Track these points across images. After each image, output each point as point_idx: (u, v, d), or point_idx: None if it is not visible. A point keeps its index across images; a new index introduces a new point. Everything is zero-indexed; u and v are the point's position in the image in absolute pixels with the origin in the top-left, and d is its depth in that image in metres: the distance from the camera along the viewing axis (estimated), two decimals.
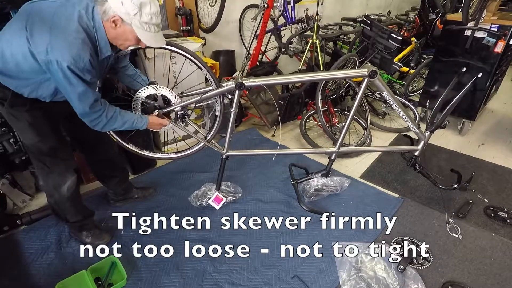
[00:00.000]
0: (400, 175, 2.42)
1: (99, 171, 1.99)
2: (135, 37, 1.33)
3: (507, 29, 2.51)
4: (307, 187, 2.17)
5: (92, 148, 1.83)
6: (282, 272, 1.65)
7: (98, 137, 1.79)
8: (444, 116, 2.01)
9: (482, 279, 1.61)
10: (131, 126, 1.54)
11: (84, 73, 1.26)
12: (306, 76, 2.00)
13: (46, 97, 1.40)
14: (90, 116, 1.40)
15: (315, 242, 1.82)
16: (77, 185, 1.68)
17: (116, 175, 1.99)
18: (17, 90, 1.34)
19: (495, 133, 3.10)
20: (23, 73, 1.29)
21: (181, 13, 2.77)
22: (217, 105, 1.84)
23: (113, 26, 1.29)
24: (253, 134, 3.01)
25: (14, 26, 1.26)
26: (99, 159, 1.88)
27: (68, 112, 1.59)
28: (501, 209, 2.06)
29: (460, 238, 1.86)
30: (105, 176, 1.99)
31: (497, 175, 2.44)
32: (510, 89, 4.20)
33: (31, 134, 1.46)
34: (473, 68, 2.70)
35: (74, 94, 1.30)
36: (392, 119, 3.26)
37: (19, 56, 1.25)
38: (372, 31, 3.03)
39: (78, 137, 1.75)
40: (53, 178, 1.59)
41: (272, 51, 3.54)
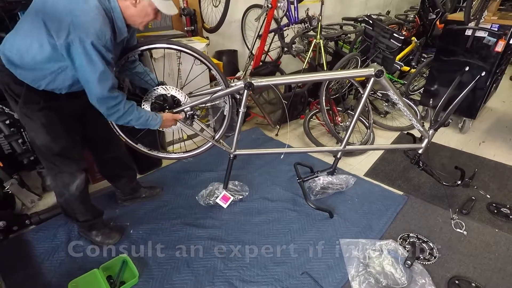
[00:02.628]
0: (404, 173, 2.46)
1: (108, 170, 1.99)
2: (154, 10, 1.35)
3: (507, 29, 2.55)
4: (313, 185, 2.20)
5: (103, 147, 1.83)
6: (292, 269, 1.67)
7: (108, 137, 1.80)
8: (448, 114, 2.05)
9: (488, 274, 1.65)
10: (145, 123, 1.55)
11: (106, 51, 1.27)
12: (313, 76, 2.03)
13: (62, 88, 1.40)
14: (108, 102, 1.38)
15: (322, 239, 1.85)
16: (86, 184, 1.69)
17: (124, 174, 2.00)
18: (33, 84, 1.35)
19: (495, 131, 3.15)
20: (39, 64, 1.29)
21: (186, 13, 2.78)
22: (226, 105, 1.86)
23: (133, 3, 1.30)
24: (257, 133, 3.03)
25: (28, 20, 1.27)
26: (108, 157, 1.88)
27: (81, 112, 1.61)
28: (503, 205, 2.10)
29: (464, 233, 1.89)
30: (114, 176, 2.00)
31: (498, 172, 2.48)
32: (509, 88, 4.26)
33: (44, 134, 1.47)
34: (475, 67, 2.74)
35: (94, 75, 1.28)
36: (393, 117, 3.30)
37: (35, 48, 1.25)
38: (374, 30, 3.07)
39: (89, 136, 1.75)
40: (62, 177, 1.60)
41: (274, 51, 3.56)
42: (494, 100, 3.74)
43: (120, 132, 1.83)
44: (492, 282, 1.61)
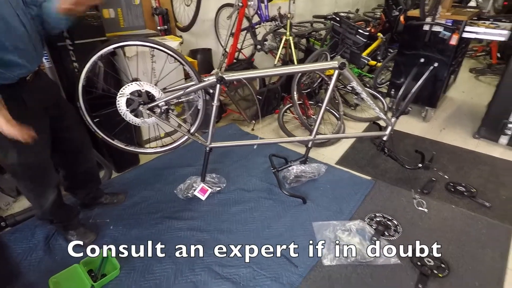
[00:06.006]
0: (372, 160, 2.62)
1: (73, 184, 1.92)
2: None
3: (459, 24, 2.77)
4: (287, 174, 2.31)
5: (73, 159, 1.79)
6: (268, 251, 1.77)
7: (81, 146, 1.78)
8: (407, 103, 2.22)
9: (444, 244, 1.82)
10: None
11: None
12: (282, 69, 2.14)
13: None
14: None
15: (297, 223, 1.97)
16: (59, 195, 1.69)
17: (90, 186, 1.98)
18: None
19: (455, 118, 3.39)
20: None
21: (158, 12, 2.82)
22: (199, 99, 1.93)
23: None
24: (233, 129, 3.12)
25: None
26: (77, 171, 1.84)
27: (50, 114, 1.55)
28: (459, 184, 2.30)
29: (425, 211, 2.07)
30: (77, 188, 1.95)
31: (456, 155, 2.70)
32: (468, 79, 4.57)
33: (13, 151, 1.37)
34: (431, 59, 2.96)
35: None
36: (363, 109, 3.48)
37: None
38: (341, 27, 3.23)
39: (62, 146, 1.67)
40: (36, 199, 1.62)
41: (248, 49, 3.66)
42: (454, 91, 4.02)
43: (96, 128, 1.86)
44: (448, 252, 1.78)
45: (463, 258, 1.74)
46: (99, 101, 1.96)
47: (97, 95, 1.74)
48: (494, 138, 2.87)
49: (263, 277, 1.64)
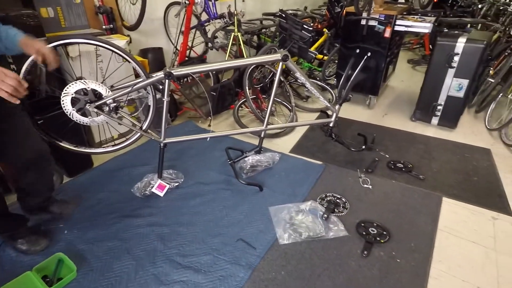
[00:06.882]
0: (323, 146, 2.81)
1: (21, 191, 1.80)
2: None
3: (391, 18, 3.06)
4: (243, 165, 2.40)
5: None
6: (227, 238, 1.85)
7: None
8: (347, 91, 2.42)
9: (386, 215, 2.03)
10: None
11: None
12: (228, 63, 2.22)
13: None
14: None
15: (254, 209, 2.06)
16: (2, 201, 1.62)
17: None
18: None
19: (395, 105, 3.73)
20: None
21: (102, 11, 2.75)
22: (149, 95, 1.94)
23: None
24: (190, 126, 3.14)
25: None
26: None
27: None
28: (399, 161, 2.55)
29: (370, 188, 2.27)
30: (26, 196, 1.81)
31: (396, 137, 2.98)
32: (406, 69, 5.02)
33: None
34: (365, 50, 3.23)
35: None
36: (314, 101, 3.68)
37: None
38: (287, 23, 3.39)
39: None
40: None
41: (200, 46, 3.69)
42: (395, 80, 4.40)
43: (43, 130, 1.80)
44: (389, 221, 1.99)
45: (401, 225, 1.96)
46: (44, 103, 1.89)
47: (42, 97, 1.68)
48: (427, 119, 3.21)
49: (224, 261, 1.71)
